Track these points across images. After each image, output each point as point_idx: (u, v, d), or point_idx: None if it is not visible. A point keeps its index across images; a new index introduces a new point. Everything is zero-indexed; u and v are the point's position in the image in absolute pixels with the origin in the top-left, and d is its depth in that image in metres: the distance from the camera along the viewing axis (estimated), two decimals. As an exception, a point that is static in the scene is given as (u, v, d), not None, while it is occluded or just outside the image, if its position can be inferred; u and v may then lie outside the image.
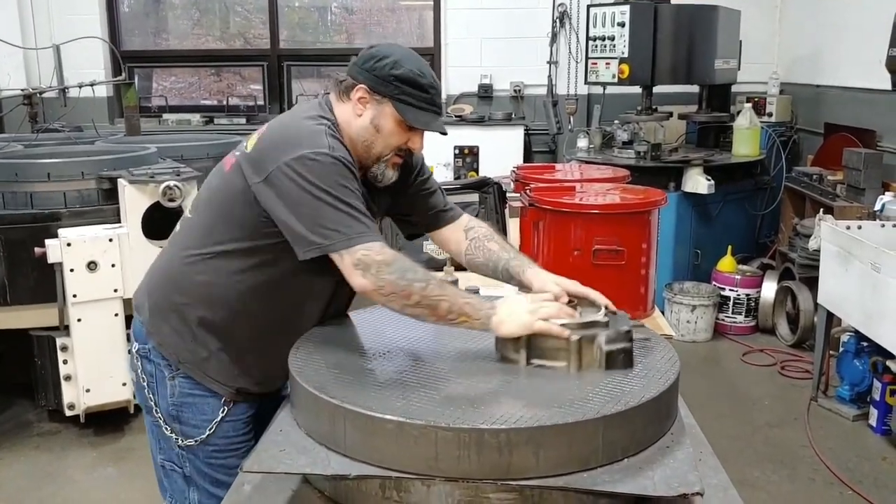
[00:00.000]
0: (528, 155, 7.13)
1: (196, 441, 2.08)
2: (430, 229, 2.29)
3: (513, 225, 3.49)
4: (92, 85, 5.64)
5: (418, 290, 1.78)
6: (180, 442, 2.09)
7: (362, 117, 1.97)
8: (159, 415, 2.09)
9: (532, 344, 1.77)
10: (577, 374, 1.72)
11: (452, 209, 2.27)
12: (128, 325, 4.09)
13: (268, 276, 1.96)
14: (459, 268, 3.20)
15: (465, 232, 2.23)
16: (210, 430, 2.07)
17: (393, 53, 1.95)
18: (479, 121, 6.98)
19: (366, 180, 2.04)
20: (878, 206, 4.67)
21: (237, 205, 1.94)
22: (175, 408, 2.07)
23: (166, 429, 2.09)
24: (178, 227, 2.16)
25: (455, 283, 2.81)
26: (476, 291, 2.61)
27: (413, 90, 1.93)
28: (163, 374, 2.07)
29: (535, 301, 1.84)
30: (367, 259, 1.78)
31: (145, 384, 2.11)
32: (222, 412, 2.07)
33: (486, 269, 2.19)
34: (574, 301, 1.91)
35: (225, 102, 7.95)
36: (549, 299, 1.86)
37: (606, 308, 1.87)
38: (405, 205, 2.23)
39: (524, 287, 2.06)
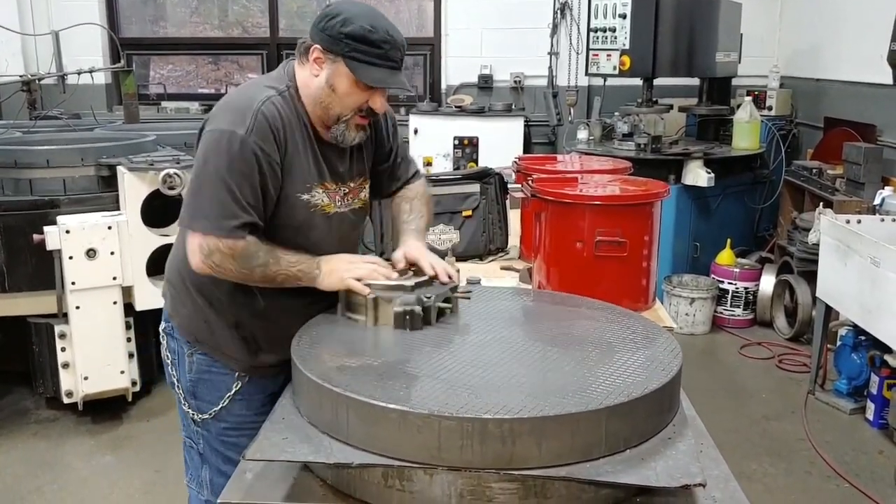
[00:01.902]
0: (528, 146, 7.12)
1: (209, 415, 2.13)
2: (389, 194, 2.37)
3: (514, 216, 3.49)
4: (91, 72, 5.61)
5: (258, 272, 1.93)
6: (196, 417, 2.16)
7: (318, 77, 1.97)
8: (180, 391, 2.18)
9: (347, 298, 2.00)
10: (374, 329, 1.93)
11: (412, 177, 2.36)
12: (127, 313, 4.10)
13: None
14: (461, 258, 3.21)
15: (404, 190, 2.34)
16: (223, 403, 2.12)
17: (344, 11, 1.93)
18: (479, 111, 6.97)
19: (332, 144, 2.06)
20: (877, 201, 4.68)
21: None
22: (192, 384, 2.15)
23: (184, 404, 2.17)
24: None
25: (457, 272, 2.81)
26: (478, 282, 2.62)
27: (364, 46, 1.91)
28: (183, 352, 2.15)
29: (353, 261, 2.03)
30: (213, 247, 1.89)
31: (169, 361, 2.19)
32: (236, 386, 2.13)
33: (394, 226, 2.36)
34: (412, 268, 2.10)
35: (224, 91, 7.92)
36: (372, 261, 2.06)
37: (434, 278, 2.04)
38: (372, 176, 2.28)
39: None
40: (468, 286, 2.24)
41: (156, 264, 4.01)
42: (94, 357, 4.04)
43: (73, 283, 3.92)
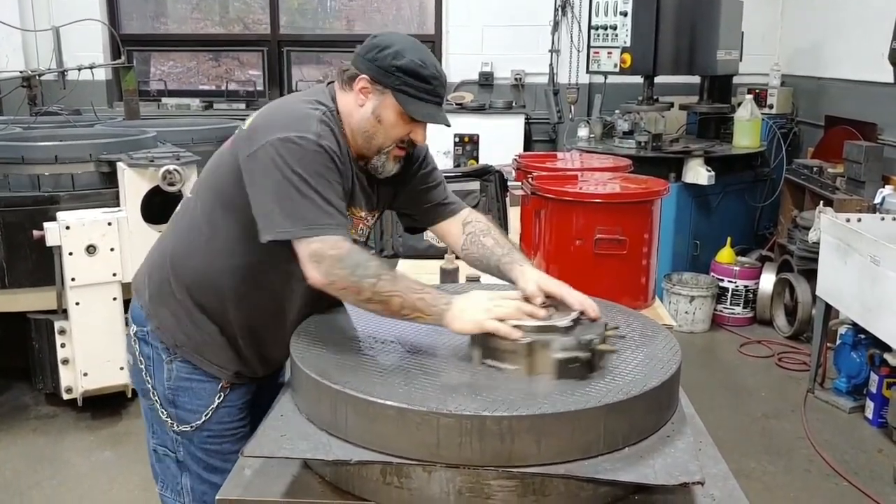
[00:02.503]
0: (529, 144, 7.12)
1: (192, 427, 2.07)
2: (429, 223, 2.26)
3: (513, 213, 3.49)
4: (91, 68, 5.61)
5: (368, 287, 1.75)
6: (175, 427, 2.08)
7: (364, 108, 1.93)
8: (156, 398, 2.08)
9: (486, 343, 1.71)
10: (529, 379, 1.64)
11: (453, 203, 2.24)
12: (126, 309, 4.08)
13: (260, 259, 1.94)
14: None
15: (463, 226, 2.19)
16: (206, 416, 2.06)
17: (395, 43, 1.91)
18: (480, 109, 6.97)
19: (367, 173, 2.03)
20: (878, 200, 4.68)
21: (230, 185, 1.92)
22: (171, 392, 2.06)
23: (162, 412, 2.08)
24: (178, 208, 2.17)
25: (456, 270, 2.81)
26: (477, 280, 2.62)
27: (415, 81, 1.89)
28: (160, 358, 2.06)
29: (493, 299, 1.77)
30: (320, 252, 1.76)
31: (143, 367, 2.09)
32: (219, 398, 2.06)
33: (481, 265, 2.16)
34: (548, 303, 1.83)
35: (224, 88, 7.93)
36: (513, 297, 1.82)
37: (583, 314, 1.79)
38: (406, 198, 2.21)
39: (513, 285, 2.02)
40: (614, 324, 1.90)
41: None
42: (94, 353, 4.03)
43: (72, 280, 3.92)
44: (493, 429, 1.44)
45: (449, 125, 2.00)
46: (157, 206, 4.09)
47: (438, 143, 6.76)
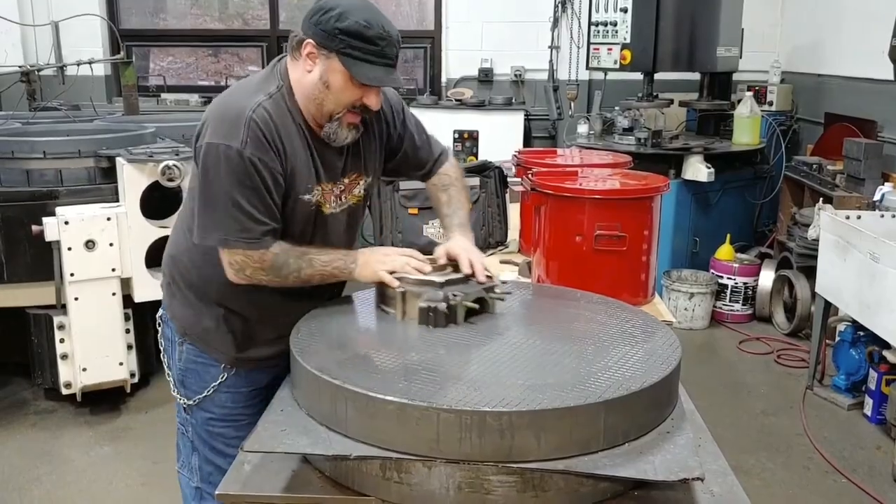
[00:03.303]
0: (528, 140, 7.11)
1: (193, 402, 2.15)
2: (423, 178, 2.38)
3: (513, 209, 3.49)
4: (90, 63, 5.61)
5: (293, 278, 1.95)
6: (183, 404, 2.18)
7: (312, 73, 1.91)
8: (171, 378, 2.21)
9: (381, 290, 2.01)
10: (403, 322, 1.92)
11: (436, 161, 2.34)
12: (126, 305, 4.10)
13: None
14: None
15: (435, 177, 2.34)
16: (206, 392, 2.13)
17: (339, 4, 1.86)
18: (479, 105, 6.96)
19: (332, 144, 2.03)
20: (877, 197, 4.68)
21: None
22: (181, 372, 2.17)
23: (174, 391, 2.20)
24: (182, 204, 2.25)
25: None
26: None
27: (360, 42, 1.85)
28: (175, 340, 2.17)
29: (388, 254, 2.03)
30: (243, 263, 1.91)
31: (163, 348, 2.23)
32: (221, 378, 2.13)
33: (437, 216, 2.37)
34: (450, 264, 2.08)
35: (223, 83, 7.91)
36: (407, 254, 2.04)
37: (472, 275, 2.01)
38: (397, 165, 2.28)
39: None
40: (505, 286, 2.13)
41: (154, 256, 4.00)
42: (93, 348, 4.03)
43: (71, 275, 3.92)
44: (492, 424, 1.45)
45: (401, 86, 2.06)
46: (157, 202, 4.08)
47: (438, 138, 6.74)
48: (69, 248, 3.89)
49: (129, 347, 4.18)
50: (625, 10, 5.82)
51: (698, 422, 1.85)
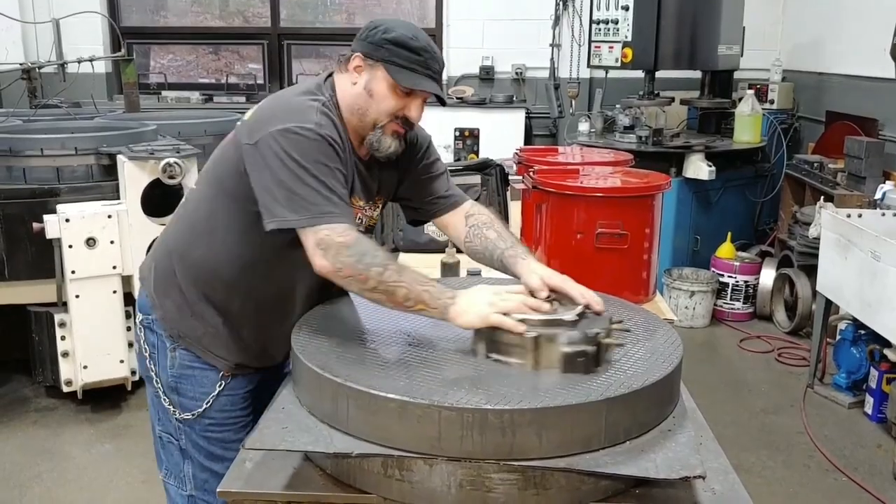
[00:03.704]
0: (529, 138, 7.11)
1: (193, 414, 2.09)
2: (432, 216, 2.25)
3: (514, 207, 3.49)
4: (91, 60, 5.60)
5: (375, 276, 1.75)
6: (178, 414, 2.10)
7: (357, 84, 1.95)
8: (159, 385, 2.11)
9: (492, 337, 1.70)
10: (534, 373, 1.64)
11: (456, 195, 2.24)
12: (126, 303, 4.09)
13: (261, 251, 1.95)
14: (462, 250, 3.20)
15: (465, 218, 2.19)
16: (207, 403, 2.08)
17: (387, 22, 1.95)
18: (480, 103, 6.96)
19: (369, 159, 2.03)
20: (878, 195, 4.67)
21: (230, 178, 1.94)
22: (174, 379, 2.09)
23: (165, 400, 2.10)
24: (183, 199, 2.20)
25: (457, 264, 2.81)
26: (478, 274, 2.62)
27: (405, 52, 1.90)
28: (164, 346, 2.08)
29: (498, 293, 1.77)
30: (328, 240, 1.76)
31: (147, 355, 2.12)
32: (220, 386, 2.08)
33: (484, 258, 2.16)
34: (553, 297, 1.83)
35: (224, 81, 7.92)
36: (519, 291, 1.81)
37: (587, 308, 1.79)
38: (409, 188, 2.21)
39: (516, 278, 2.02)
40: (620, 318, 1.89)
41: (156, 254, 4.00)
42: (94, 346, 4.04)
43: (72, 272, 3.92)
44: (494, 422, 1.44)
45: (443, 98, 2.01)
46: (158, 199, 4.08)
47: (439, 137, 6.72)
48: (70, 246, 3.89)
49: (130, 345, 4.17)
50: (626, 8, 5.81)
51: (699, 420, 1.85)
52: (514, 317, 1.69)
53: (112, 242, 3.97)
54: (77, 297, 3.96)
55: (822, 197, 5.10)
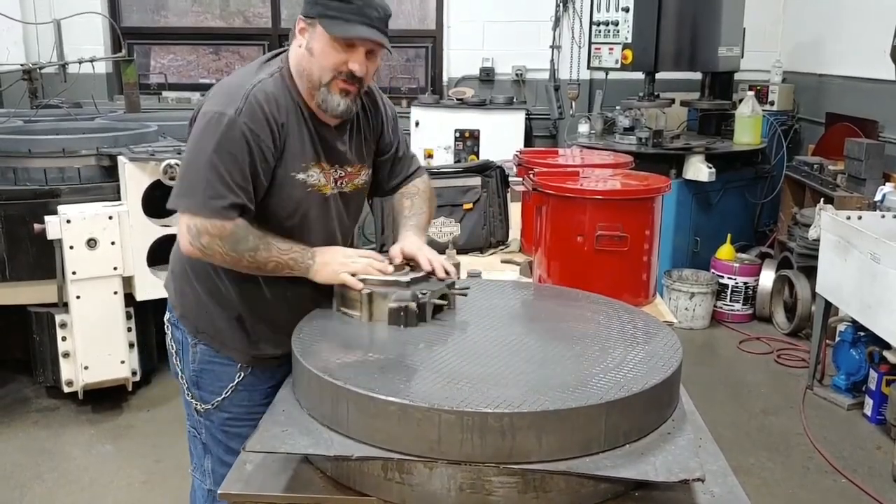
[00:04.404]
0: (529, 139, 7.11)
1: (211, 406, 2.14)
2: (388, 193, 2.37)
3: (514, 209, 3.49)
4: (92, 61, 5.61)
5: (247, 257, 1.92)
6: (199, 407, 2.16)
7: (301, 47, 1.97)
8: (184, 381, 2.18)
9: (342, 293, 1.98)
10: (369, 324, 1.91)
11: (410, 176, 2.34)
12: (127, 303, 4.10)
13: None
14: (462, 251, 3.21)
15: (405, 186, 2.34)
16: (225, 394, 2.12)
17: None
18: (481, 104, 6.96)
19: (340, 126, 2.06)
20: (878, 197, 4.67)
21: None
22: (196, 374, 2.15)
23: (188, 394, 2.18)
24: None
25: (457, 266, 2.81)
26: (478, 275, 2.63)
27: (336, 3, 1.90)
28: (187, 342, 2.15)
29: (349, 256, 2.01)
30: (200, 228, 1.88)
31: (174, 351, 2.20)
32: (238, 377, 2.12)
33: (391, 219, 2.40)
34: (408, 263, 2.07)
35: (225, 81, 7.92)
36: (367, 255, 2.03)
37: (432, 274, 2.03)
38: (379, 163, 2.28)
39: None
40: (465, 282, 2.21)
41: (156, 255, 4.01)
42: (95, 346, 4.04)
43: (73, 273, 3.92)
44: (494, 425, 1.45)
45: (379, 43, 1.95)
46: (158, 200, 4.08)
47: (439, 138, 6.78)
48: (71, 247, 3.89)
49: (131, 346, 4.18)
50: (626, 10, 5.82)
51: (699, 422, 1.86)
52: (359, 276, 1.95)
53: (113, 243, 3.97)
54: (78, 297, 3.97)
55: (822, 199, 5.11)
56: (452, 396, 1.51)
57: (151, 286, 4.05)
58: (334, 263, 1.97)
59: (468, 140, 6.84)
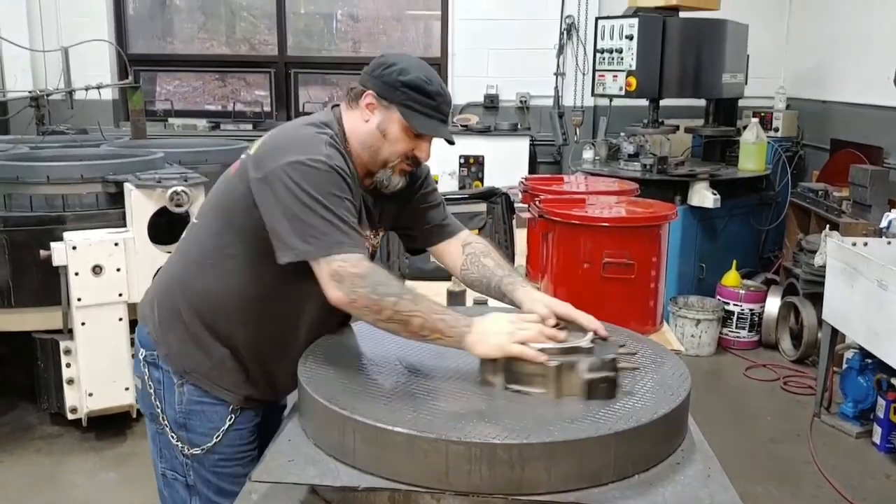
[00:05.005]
0: (534, 165, 7.13)
1: (202, 449, 2.06)
2: (429, 243, 2.28)
3: (520, 235, 3.49)
4: (98, 88, 5.64)
5: (390, 305, 1.75)
6: (186, 450, 2.07)
7: (369, 123, 1.97)
8: (165, 422, 2.07)
9: (510, 367, 1.69)
10: (556, 402, 1.64)
11: (452, 224, 2.26)
12: (132, 330, 4.08)
13: (267, 284, 1.95)
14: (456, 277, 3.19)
15: (462, 247, 2.21)
16: (217, 438, 2.05)
17: (401, 61, 1.97)
18: (485, 131, 6.99)
19: (373, 189, 2.05)
20: (884, 223, 4.66)
21: (238, 210, 1.93)
22: (183, 415, 2.06)
23: (172, 437, 2.07)
24: (185, 233, 2.17)
25: (463, 293, 2.81)
26: (484, 303, 2.61)
27: (420, 97, 1.93)
28: (171, 381, 2.05)
29: (514, 322, 1.77)
30: (342, 270, 1.76)
31: (152, 391, 2.08)
32: (230, 420, 2.06)
33: (480, 285, 2.17)
34: (561, 324, 1.84)
35: (231, 108, 7.97)
36: (533, 320, 1.80)
37: (595, 334, 1.80)
38: (407, 217, 2.23)
39: (515, 306, 2.03)
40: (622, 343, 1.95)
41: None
42: (99, 373, 4.03)
43: (78, 300, 3.92)
44: (502, 456, 1.44)
45: (453, 142, 2.05)
46: (164, 227, 4.09)
47: (444, 164, 6.79)
48: (76, 273, 3.89)
49: (135, 372, 4.17)
50: (630, 38, 5.85)
51: (707, 452, 1.83)
52: (531, 346, 1.69)
53: (118, 270, 3.97)
54: (83, 324, 3.96)
55: (827, 225, 5.10)
56: (460, 427, 1.50)
57: (156, 313, 4.04)
58: (500, 333, 1.72)
59: (473, 166, 6.86)
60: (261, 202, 1.85)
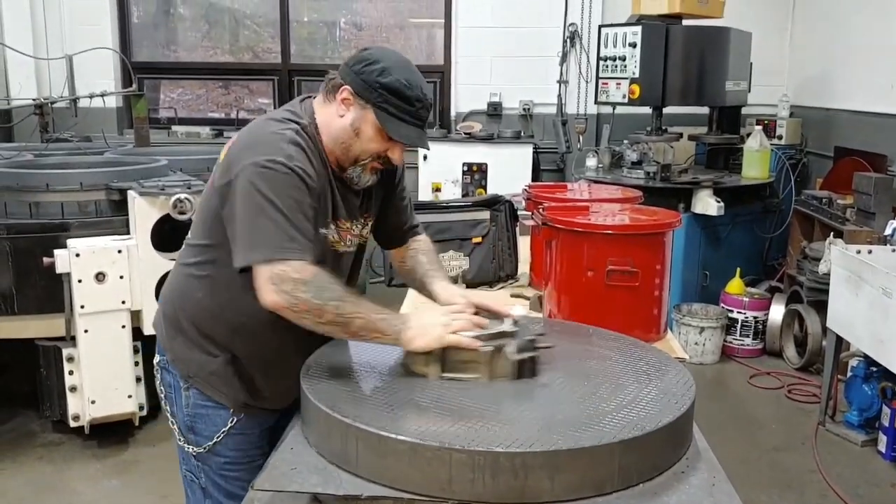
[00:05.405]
0: (537, 173, 7.12)
1: (204, 448, 2.10)
2: (392, 245, 2.32)
3: (523, 243, 3.49)
4: (103, 95, 5.65)
5: (332, 309, 1.76)
6: (194, 452, 2.12)
7: (343, 118, 1.94)
8: (176, 426, 2.14)
9: (445, 357, 1.78)
10: (489, 384, 1.75)
11: (417, 227, 2.32)
12: (135, 337, 4.09)
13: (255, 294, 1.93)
14: (471, 285, 3.19)
15: (410, 242, 2.29)
16: (217, 438, 2.08)
17: (384, 60, 1.91)
18: (488, 138, 6.98)
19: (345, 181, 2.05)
20: (888, 231, 4.65)
21: (217, 224, 1.93)
22: (189, 418, 2.11)
23: (180, 439, 2.13)
24: (184, 243, 2.18)
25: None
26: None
27: (398, 101, 1.90)
28: (179, 386, 2.11)
29: (446, 314, 1.85)
30: (283, 275, 1.76)
31: (163, 395, 2.16)
32: (231, 422, 2.09)
33: (409, 277, 2.27)
34: (480, 312, 1.93)
35: (235, 116, 7.97)
36: (461, 310, 1.88)
37: (511, 318, 1.90)
38: (386, 209, 2.24)
39: (433, 298, 2.14)
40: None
41: (165, 288, 4.00)
42: (102, 381, 4.03)
43: (81, 307, 3.92)
44: (506, 465, 1.43)
45: (428, 149, 2.08)
46: (167, 235, 4.09)
47: (447, 171, 6.79)
48: (79, 281, 3.89)
49: (138, 380, 4.16)
50: (633, 45, 5.85)
51: (712, 460, 1.82)
52: (463, 335, 1.78)
53: (121, 277, 3.97)
54: (86, 331, 3.96)
55: (831, 233, 5.09)
56: (463, 435, 1.49)
57: (159, 320, 4.04)
58: (436, 325, 1.79)
59: (476, 174, 6.86)
60: (226, 208, 1.87)
